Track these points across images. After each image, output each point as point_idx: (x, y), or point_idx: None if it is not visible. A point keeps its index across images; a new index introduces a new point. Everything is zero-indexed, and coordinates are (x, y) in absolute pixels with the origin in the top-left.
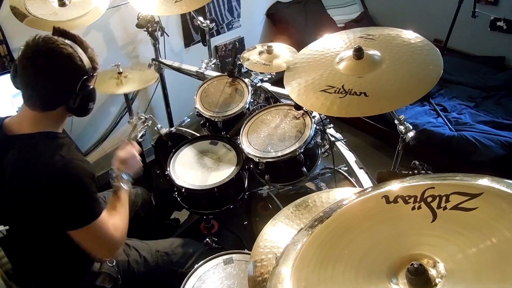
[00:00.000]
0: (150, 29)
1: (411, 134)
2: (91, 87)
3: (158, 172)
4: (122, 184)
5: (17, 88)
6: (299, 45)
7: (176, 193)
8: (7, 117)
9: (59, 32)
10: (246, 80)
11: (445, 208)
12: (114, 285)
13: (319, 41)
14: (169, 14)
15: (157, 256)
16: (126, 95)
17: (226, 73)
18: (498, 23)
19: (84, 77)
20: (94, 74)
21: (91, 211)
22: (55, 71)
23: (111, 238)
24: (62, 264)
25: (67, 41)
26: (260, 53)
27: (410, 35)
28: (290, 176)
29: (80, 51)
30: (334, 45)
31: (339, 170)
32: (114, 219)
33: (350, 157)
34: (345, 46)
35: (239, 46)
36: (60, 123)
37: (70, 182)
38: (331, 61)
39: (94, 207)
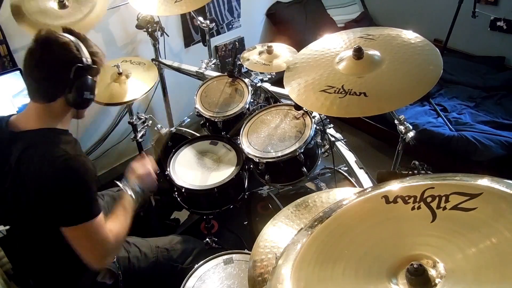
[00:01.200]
0: (150, 30)
1: (411, 134)
2: (88, 77)
3: (158, 172)
4: (132, 194)
5: (24, 82)
6: (299, 45)
7: (176, 193)
8: (12, 115)
9: (66, 30)
10: (246, 80)
11: (444, 208)
12: (115, 281)
13: (319, 41)
14: (169, 14)
15: (157, 252)
16: None
17: (226, 73)
18: (498, 23)
19: (78, 65)
20: (93, 66)
21: (88, 209)
22: (50, 58)
23: (104, 242)
24: (63, 262)
25: (69, 35)
26: (260, 53)
27: (410, 35)
28: (290, 176)
29: (79, 44)
30: (334, 45)
31: (339, 170)
32: (113, 225)
33: (350, 157)
34: (345, 46)
35: (239, 46)
36: (64, 119)
37: (70, 177)
38: (331, 61)
39: (92, 206)
